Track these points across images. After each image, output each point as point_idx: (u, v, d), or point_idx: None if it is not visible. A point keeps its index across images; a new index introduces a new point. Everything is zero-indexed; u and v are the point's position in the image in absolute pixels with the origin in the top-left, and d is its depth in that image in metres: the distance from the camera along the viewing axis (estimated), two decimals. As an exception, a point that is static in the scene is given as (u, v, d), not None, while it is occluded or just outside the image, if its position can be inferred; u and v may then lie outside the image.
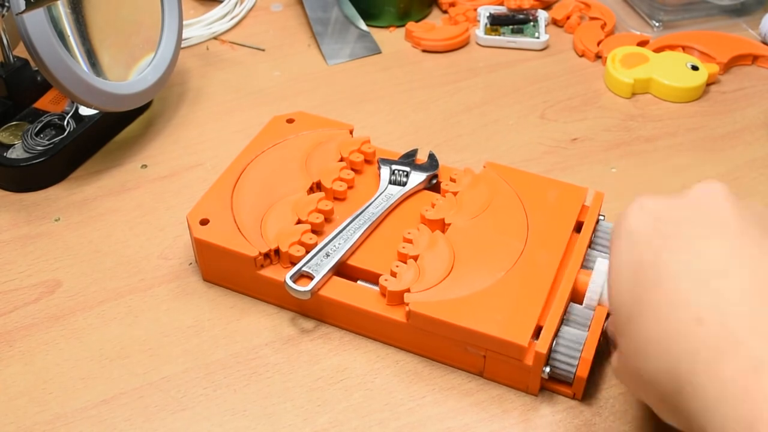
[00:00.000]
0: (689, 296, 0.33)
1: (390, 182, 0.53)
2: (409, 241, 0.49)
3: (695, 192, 0.37)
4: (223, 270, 0.50)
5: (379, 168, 0.54)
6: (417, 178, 0.53)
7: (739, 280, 0.32)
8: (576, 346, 0.44)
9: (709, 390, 0.31)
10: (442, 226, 0.50)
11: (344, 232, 0.49)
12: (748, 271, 0.33)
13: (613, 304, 0.37)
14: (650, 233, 0.36)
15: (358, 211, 0.51)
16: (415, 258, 0.48)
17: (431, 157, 0.55)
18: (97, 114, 0.61)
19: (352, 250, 0.49)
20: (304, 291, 0.46)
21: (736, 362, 0.30)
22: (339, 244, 0.49)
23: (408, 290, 0.46)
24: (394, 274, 0.47)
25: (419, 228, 0.50)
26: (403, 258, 0.48)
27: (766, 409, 0.29)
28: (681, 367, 0.32)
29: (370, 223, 0.50)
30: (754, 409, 0.29)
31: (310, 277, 0.47)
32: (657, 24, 0.75)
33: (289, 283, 0.46)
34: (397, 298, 0.46)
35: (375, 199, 0.52)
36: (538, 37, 0.73)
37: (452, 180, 0.53)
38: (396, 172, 0.54)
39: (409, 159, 0.55)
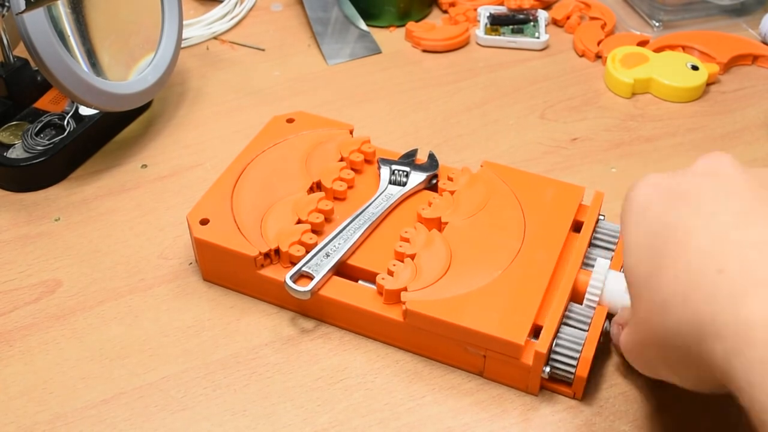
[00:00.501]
0: (709, 248, 0.33)
1: (390, 182, 0.53)
2: (406, 240, 0.49)
3: (701, 163, 0.38)
4: (223, 270, 0.50)
5: (379, 168, 0.54)
6: (417, 178, 0.53)
7: (756, 233, 0.33)
8: (576, 345, 0.44)
9: (733, 331, 0.31)
10: (438, 224, 0.50)
11: (344, 232, 0.49)
12: (764, 224, 0.33)
13: (630, 272, 0.37)
14: (662, 203, 0.36)
15: (358, 211, 0.51)
16: (412, 257, 0.48)
17: (431, 157, 0.55)
18: (97, 114, 0.61)
19: (352, 250, 0.49)
20: (304, 291, 0.46)
21: (759, 302, 0.30)
22: (339, 244, 0.49)
23: (405, 289, 0.46)
24: (391, 273, 0.47)
25: (416, 227, 0.50)
26: (400, 257, 0.48)
27: None
28: (703, 314, 0.32)
29: (370, 223, 0.50)
30: None
31: (310, 277, 0.47)
32: (657, 24, 0.75)
33: (289, 283, 0.46)
34: (394, 297, 0.46)
35: (375, 199, 0.52)
36: (538, 37, 0.73)
37: (449, 179, 0.53)
38: (396, 172, 0.54)
39: (409, 159, 0.55)
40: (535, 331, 0.45)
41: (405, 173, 0.54)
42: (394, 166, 0.54)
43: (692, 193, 0.36)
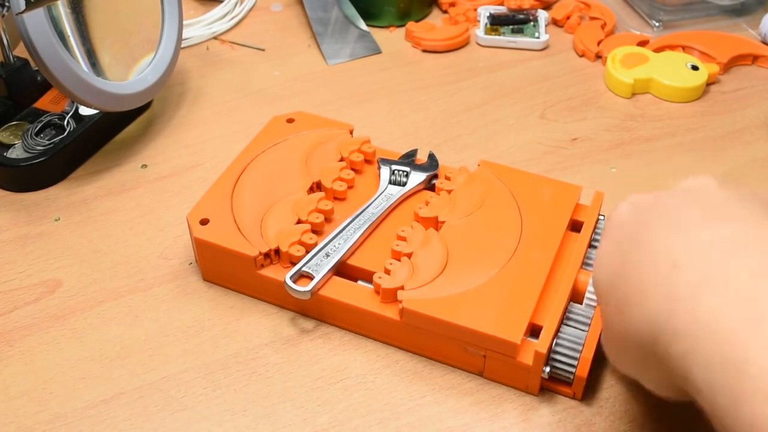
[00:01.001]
0: (666, 246, 0.33)
1: (390, 182, 0.53)
2: (403, 239, 0.49)
3: (684, 183, 0.38)
4: (223, 270, 0.50)
5: (379, 168, 0.54)
6: (417, 178, 0.53)
7: (715, 231, 0.32)
8: (576, 345, 0.44)
9: (689, 330, 0.30)
10: (435, 224, 0.50)
11: (344, 232, 0.49)
12: (726, 224, 0.32)
13: (596, 280, 0.38)
14: (634, 218, 0.37)
15: (358, 211, 0.51)
16: (409, 255, 0.48)
17: (431, 157, 0.55)
18: (97, 114, 0.61)
19: (352, 250, 0.49)
20: (304, 291, 0.46)
21: (714, 300, 0.30)
22: (339, 244, 0.49)
23: (402, 287, 0.46)
24: (388, 272, 0.47)
25: (413, 226, 0.50)
26: (397, 256, 0.48)
27: (753, 348, 0.28)
28: (659, 313, 0.32)
29: (369, 223, 0.50)
30: (738, 347, 0.28)
31: (310, 277, 0.47)
32: (657, 24, 0.75)
33: (289, 283, 0.46)
34: (390, 296, 0.46)
35: (375, 199, 0.52)
36: (538, 37, 0.73)
37: (447, 178, 0.53)
38: (396, 172, 0.54)
39: (409, 159, 0.55)
40: (534, 331, 0.45)
41: (405, 173, 0.54)
42: (394, 166, 0.54)
43: (664, 204, 0.36)
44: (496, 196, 0.52)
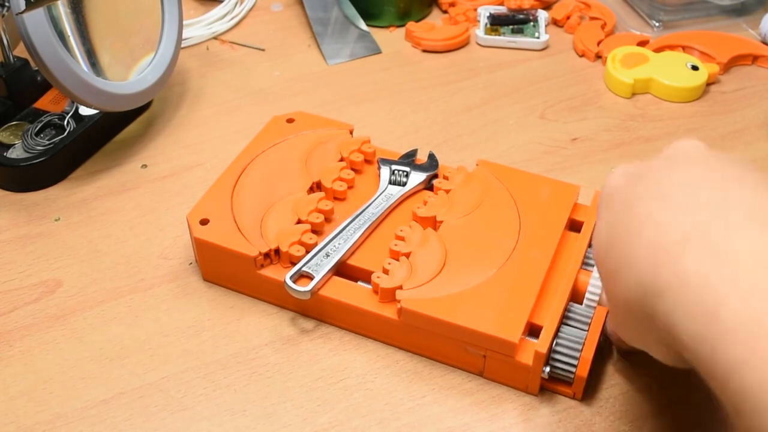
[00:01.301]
0: (649, 210, 0.34)
1: (390, 182, 0.53)
2: (401, 239, 0.49)
3: (668, 150, 0.38)
4: (223, 270, 0.50)
5: (379, 168, 0.54)
6: (417, 178, 0.53)
7: (698, 191, 0.33)
8: (576, 345, 0.44)
9: (671, 287, 0.31)
10: (433, 223, 0.50)
11: (344, 232, 0.49)
12: (708, 185, 0.33)
13: (595, 253, 0.38)
14: (623, 188, 0.37)
15: (358, 211, 0.51)
16: (407, 255, 0.48)
17: (431, 157, 0.55)
18: (97, 114, 0.61)
19: (352, 250, 0.49)
20: (304, 291, 0.46)
21: (693, 256, 0.31)
22: (339, 244, 0.49)
23: (400, 287, 0.46)
24: (386, 272, 0.47)
25: (411, 225, 0.50)
26: (395, 255, 0.48)
27: (728, 294, 0.29)
28: (646, 275, 0.33)
29: (369, 223, 0.50)
30: (715, 295, 0.29)
31: (310, 277, 0.47)
32: (657, 24, 0.75)
33: (289, 283, 0.46)
34: (389, 296, 0.46)
35: (375, 199, 0.52)
36: (538, 37, 0.73)
37: (445, 178, 0.53)
38: (396, 172, 0.54)
39: (409, 159, 0.55)
40: (532, 330, 0.45)
41: (405, 173, 0.54)
42: (394, 166, 0.54)
43: (649, 172, 0.37)
44: (494, 195, 0.52)
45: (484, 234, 0.49)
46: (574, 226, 0.51)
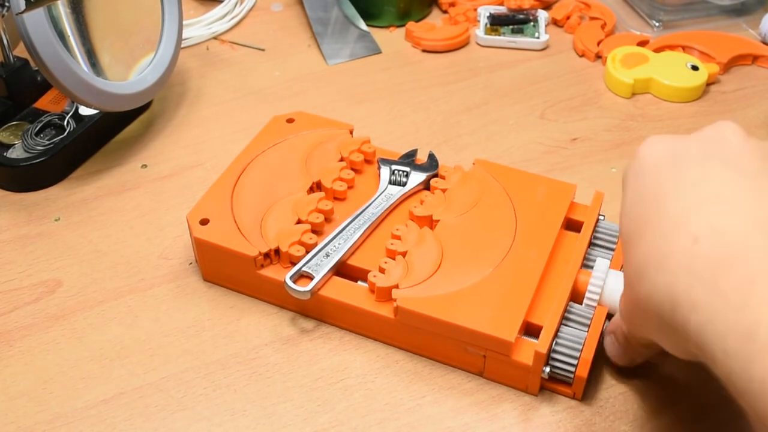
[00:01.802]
0: (687, 216, 0.33)
1: (390, 182, 0.53)
2: (398, 238, 0.49)
3: (709, 128, 0.38)
4: (223, 270, 0.50)
5: (379, 168, 0.54)
6: (417, 178, 0.53)
7: (739, 204, 0.33)
8: (576, 346, 0.44)
9: (708, 303, 0.31)
10: (430, 222, 0.50)
11: (344, 232, 0.49)
12: (749, 196, 0.33)
13: (622, 233, 0.38)
14: (657, 162, 0.37)
15: (358, 211, 0.51)
16: (404, 254, 0.48)
17: (431, 157, 0.55)
18: (97, 114, 0.61)
19: (352, 251, 0.49)
20: (304, 291, 0.46)
21: (732, 275, 0.31)
22: (339, 244, 0.49)
23: (396, 286, 0.46)
24: (382, 271, 0.47)
25: (407, 224, 0.50)
26: (392, 254, 0.48)
27: (764, 314, 0.29)
28: (678, 284, 0.32)
29: (369, 223, 0.50)
30: (752, 317, 0.29)
31: (310, 277, 0.47)
32: (657, 24, 0.75)
33: (289, 283, 0.46)
34: (385, 295, 0.46)
35: (375, 199, 0.52)
36: (538, 37, 0.73)
37: (442, 177, 0.53)
38: (396, 172, 0.54)
39: (409, 159, 0.55)
40: (533, 330, 0.45)
41: (405, 173, 0.54)
42: (394, 166, 0.54)
43: (687, 154, 0.36)
44: (490, 194, 0.52)
45: (481, 233, 0.49)
46: (571, 225, 0.51)
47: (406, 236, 0.49)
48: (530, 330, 0.45)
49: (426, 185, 0.54)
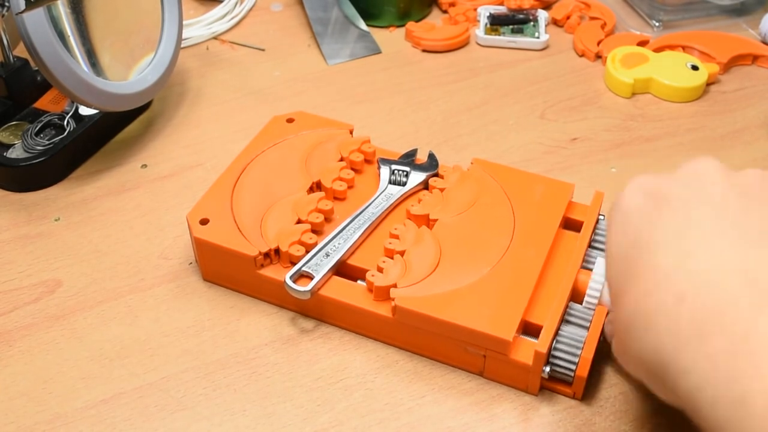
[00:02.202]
0: (672, 271, 0.32)
1: (390, 182, 0.53)
2: (396, 237, 0.49)
3: (688, 167, 0.37)
4: (223, 270, 0.50)
5: (379, 168, 0.54)
6: (417, 178, 0.53)
7: (723, 256, 0.32)
8: (576, 345, 0.44)
9: (696, 370, 0.30)
10: (427, 221, 0.50)
11: (344, 231, 0.49)
12: (733, 245, 0.32)
13: (609, 279, 0.37)
14: (641, 209, 0.36)
15: (358, 211, 0.51)
16: (402, 253, 0.48)
17: (431, 156, 0.55)
18: (97, 114, 0.61)
19: (352, 250, 0.49)
20: (304, 291, 0.46)
21: (720, 338, 0.30)
22: (339, 243, 0.49)
23: (395, 285, 0.46)
24: (381, 270, 0.47)
25: (405, 224, 0.50)
26: (390, 254, 0.48)
27: (756, 380, 0.28)
28: (666, 346, 0.32)
29: (369, 222, 0.50)
30: (743, 384, 0.29)
31: (310, 277, 0.47)
32: (657, 24, 0.75)
33: (289, 283, 0.46)
34: (383, 294, 0.46)
35: (375, 199, 0.52)
36: (538, 37, 0.73)
37: (440, 176, 0.53)
38: (396, 172, 0.54)
39: (408, 159, 0.55)
40: (529, 329, 0.45)
41: (405, 173, 0.54)
42: (393, 166, 0.54)
43: (671, 199, 0.35)
44: (488, 194, 0.52)
45: (479, 232, 0.49)
46: (569, 224, 0.51)
47: (404, 235, 0.49)
48: (530, 330, 0.45)
49: (426, 185, 0.54)
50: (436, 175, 0.54)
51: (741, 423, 0.29)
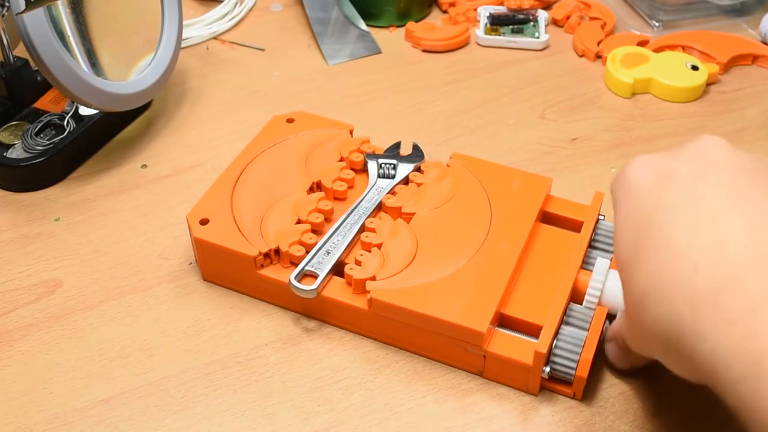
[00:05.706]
0: (685, 243, 0.33)
1: (379, 176, 0.53)
2: (372, 230, 0.49)
3: (694, 144, 0.37)
4: (223, 270, 0.50)
5: (366, 163, 0.54)
6: (405, 169, 0.54)
7: (734, 225, 0.32)
8: (576, 345, 0.44)
9: (713, 332, 0.31)
10: (400, 214, 0.51)
11: (341, 228, 0.49)
12: (743, 215, 0.33)
13: (618, 258, 0.37)
14: (650, 185, 0.36)
15: (351, 207, 0.51)
16: (379, 246, 0.48)
17: (415, 147, 0.55)
18: (97, 114, 0.61)
19: (351, 246, 0.49)
20: (310, 290, 0.46)
21: (736, 302, 0.31)
22: (338, 240, 0.49)
23: (373, 278, 0.46)
24: (359, 263, 0.47)
25: (381, 216, 0.50)
26: (367, 247, 0.48)
27: None
28: (682, 314, 0.32)
29: (366, 217, 0.50)
30: (758, 343, 0.29)
31: (313, 276, 0.47)
32: (657, 24, 0.75)
33: (295, 283, 0.46)
34: (362, 287, 0.46)
35: (367, 194, 0.52)
36: (538, 37, 0.73)
37: (420, 171, 0.54)
38: (383, 165, 0.54)
39: (393, 152, 0.55)
40: (503, 321, 0.46)
41: (392, 166, 0.54)
42: (380, 160, 0.54)
43: (680, 175, 0.35)
44: (466, 188, 0.52)
45: (456, 226, 0.50)
46: (547, 218, 0.52)
47: (380, 228, 0.49)
48: (499, 320, 0.45)
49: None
50: (419, 167, 0.54)
51: (756, 382, 0.29)
